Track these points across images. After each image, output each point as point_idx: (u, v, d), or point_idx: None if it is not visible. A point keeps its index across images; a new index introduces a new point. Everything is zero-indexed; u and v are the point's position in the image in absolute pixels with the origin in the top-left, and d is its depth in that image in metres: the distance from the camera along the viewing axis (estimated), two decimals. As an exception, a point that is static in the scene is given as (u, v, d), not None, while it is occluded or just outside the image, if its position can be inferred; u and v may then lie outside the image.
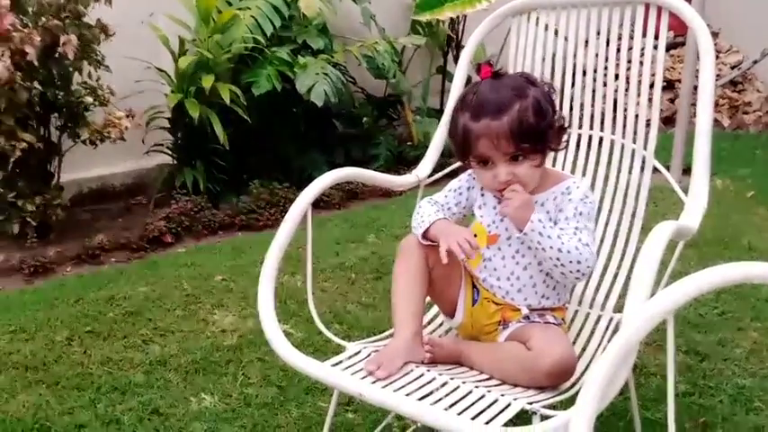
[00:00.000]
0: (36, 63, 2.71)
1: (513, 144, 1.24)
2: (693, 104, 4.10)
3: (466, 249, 1.24)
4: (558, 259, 1.24)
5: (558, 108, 1.37)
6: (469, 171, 1.42)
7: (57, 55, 2.82)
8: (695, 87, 3.73)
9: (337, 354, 1.26)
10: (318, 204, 3.05)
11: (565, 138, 1.35)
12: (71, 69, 2.93)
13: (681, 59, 4.63)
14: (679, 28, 1.51)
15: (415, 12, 4.28)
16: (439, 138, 1.72)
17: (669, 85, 4.76)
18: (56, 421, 1.70)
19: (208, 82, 3.21)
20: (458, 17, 4.43)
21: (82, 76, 3.02)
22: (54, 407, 1.76)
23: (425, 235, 1.33)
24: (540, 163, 1.30)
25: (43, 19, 2.77)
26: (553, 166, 1.63)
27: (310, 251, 1.38)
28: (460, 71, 1.74)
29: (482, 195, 1.40)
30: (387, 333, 1.42)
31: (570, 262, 1.23)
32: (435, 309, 1.49)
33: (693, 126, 1.45)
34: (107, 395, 1.81)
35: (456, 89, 1.70)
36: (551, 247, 1.24)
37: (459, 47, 4.76)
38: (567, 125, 1.35)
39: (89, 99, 2.98)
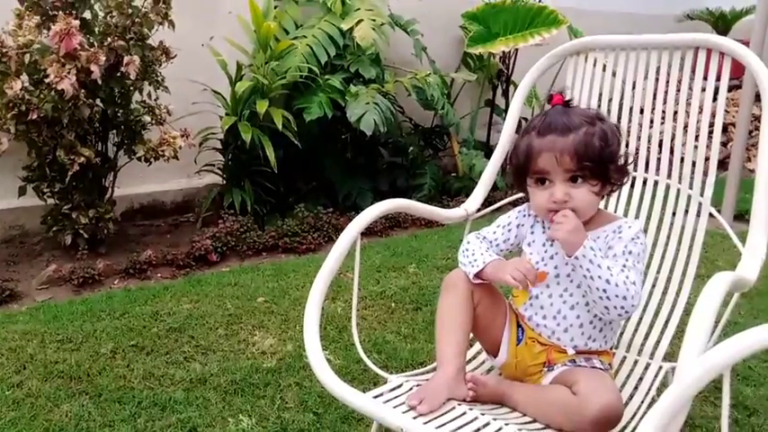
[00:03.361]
0: (99, 81, 2.81)
1: (575, 162, 1.23)
2: (747, 149, 4.02)
3: (530, 278, 1.24)
4: (604, 291, 1.20)
5: (623, 147, 1.36)
6: (519, 208, 1.42)
7: (119, 74, 2.92)
8: (749, 132, 3.66)
9: (375, 383, 1.26)
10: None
11: (626, 179, 1.34)
12: (132, 88, 3.02)
13: (735, 103, 4.56)
14: (734, 71, 1.50)
15: (468, 44, 4.32)
16: (488, 174, 1.72)
17: (722, 129, 4.69)
18: (97, 433, 1.72)
19: (262, 107, 3.27)
20: (509, 51, 4.46)
21: (141, 96, 3.11)
22: (95, 418, 1.79)
23: (479, 275, 1.32)
24: (599, 192, 1.27)
25: (109, 39, 2.87)
26: (606, 207, 1.61)
27: (357, 282, 1.39)
28: (514, 109, 1.74)
29: (532, 233, 1.38)
30: (429, 367, 1.41)
31: (616, 296, 1.20)
32: (477, 346, 1.48)
33: (745, 171, 1.42)
34: (147, 410, 1.83)
35: (509, 127, 1.70)
36: (599, 277, 1.20)
37: (509, 81, 4.78)
38: (630, 162, 1.34)
39: (147, 118, 3.08)
